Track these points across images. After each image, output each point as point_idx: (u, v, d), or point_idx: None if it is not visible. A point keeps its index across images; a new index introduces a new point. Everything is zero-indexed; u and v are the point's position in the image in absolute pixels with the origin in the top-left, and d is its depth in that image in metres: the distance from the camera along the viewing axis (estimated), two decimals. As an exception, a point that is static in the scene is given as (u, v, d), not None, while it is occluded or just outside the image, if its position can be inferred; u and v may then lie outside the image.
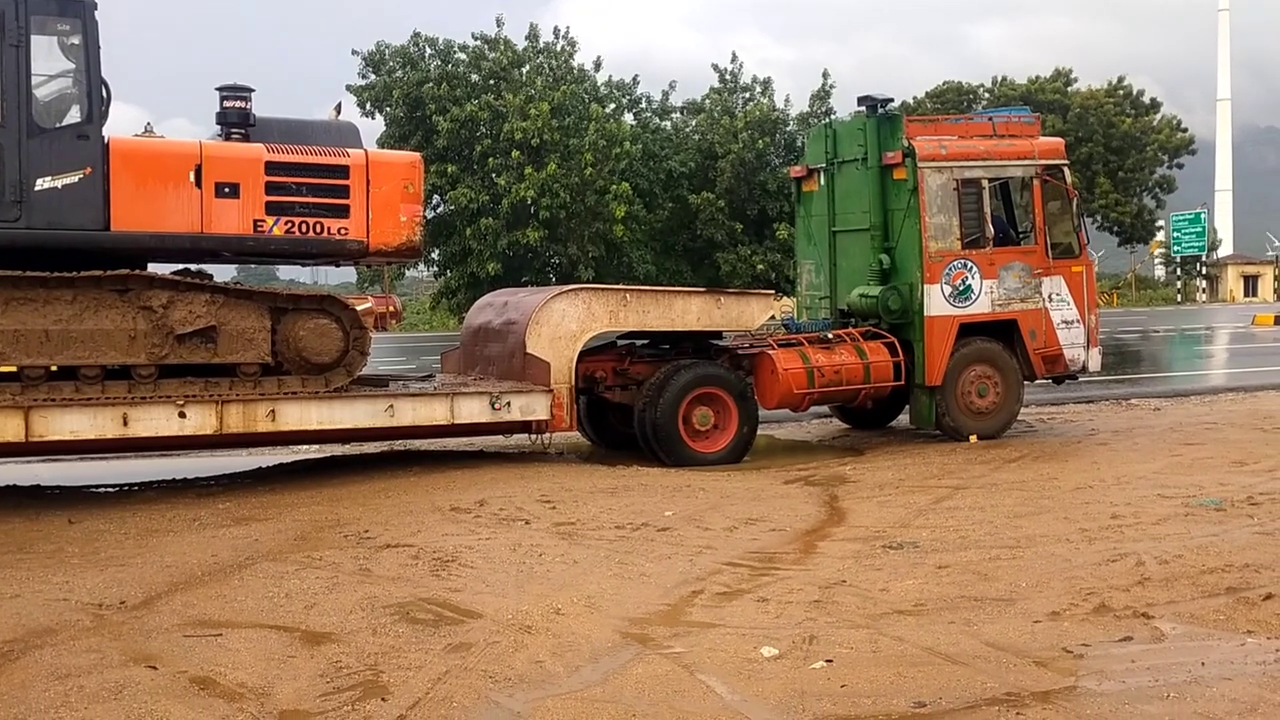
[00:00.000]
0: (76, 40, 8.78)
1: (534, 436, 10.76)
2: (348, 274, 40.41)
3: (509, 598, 5.88)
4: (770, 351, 11.05)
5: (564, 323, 10.44)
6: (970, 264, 11.38)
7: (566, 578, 6.28)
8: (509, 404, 10.06)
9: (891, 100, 12.22)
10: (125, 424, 8.70)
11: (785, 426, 13.58)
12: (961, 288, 11.36)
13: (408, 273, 43.02)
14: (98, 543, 7.43)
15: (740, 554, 6.83)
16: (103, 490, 9.77)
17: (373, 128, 31.68)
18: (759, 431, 11.24)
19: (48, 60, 8.82)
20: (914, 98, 55.37)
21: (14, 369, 8.63)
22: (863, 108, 12.15)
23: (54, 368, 8.72)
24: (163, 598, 5.95)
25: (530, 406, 10.18)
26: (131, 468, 10.76)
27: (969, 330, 11.48)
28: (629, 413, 10.92)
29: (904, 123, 11.62)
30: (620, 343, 11.35)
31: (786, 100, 36.62)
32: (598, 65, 34.32)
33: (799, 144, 36.21)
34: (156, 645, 5.14)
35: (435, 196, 29.91)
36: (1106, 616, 5.33)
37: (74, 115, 8.81)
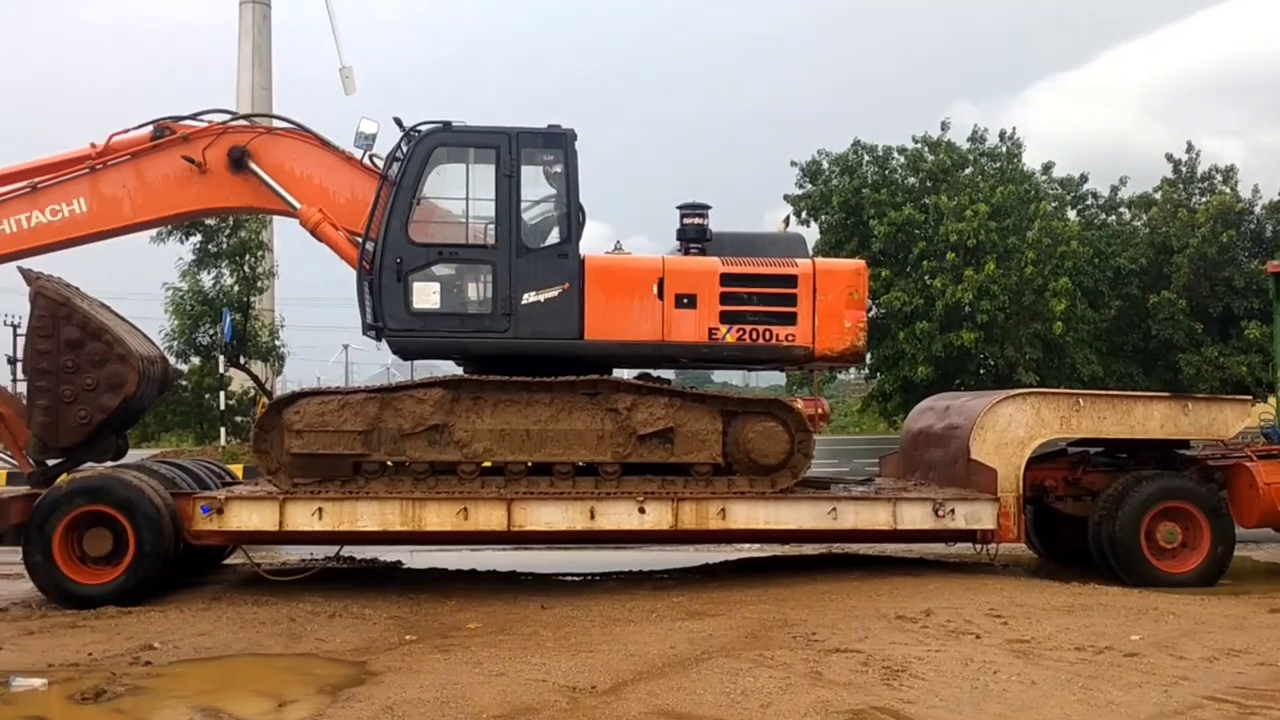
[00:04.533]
0: (559, 169, 9.77)
1: (978, 546, 10.41)
2: (775, 376, 41.30)
3: (965, 715, 5.70)
4: (1248, 464, 10.04)
5: (1011, 428, 10.08)
6: None
7: (1026, 699, 5.98)
8: (953, 511, 9.82)
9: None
10: (592, 517, 9.37)
11: (1266, 548, 12.20)
12: None
13: (839, 375, 43.38)
14: (568, 628, 8.01)
15: (1224, 688, 6.19)
16: (569, 579, 10.54)
17: (807, 235, 32.40)
18: (1235, 552, 10.17)
19: (534, 187, 9.88)
20: None
21: (490, 463, 9.57)
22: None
23: (529, 464, 9.60)
24: (629, 685, 6.30)
25: (975, 515, 9.87)
26: (591, 558, 11.55)
27: None
28: (1081, 525, 10.31)
29: None
30: (1071, 450, 10.78)
31: (1255, 190, 33.51)
32: (1046, 169, 33.27)
33: (1268, 234, 33.01)
34: (627, 730, 5.45)
35: (869, 300, 29.95)
36: None
37: (554, 236, 9.77)
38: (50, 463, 9.83)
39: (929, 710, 5.77)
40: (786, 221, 11.18)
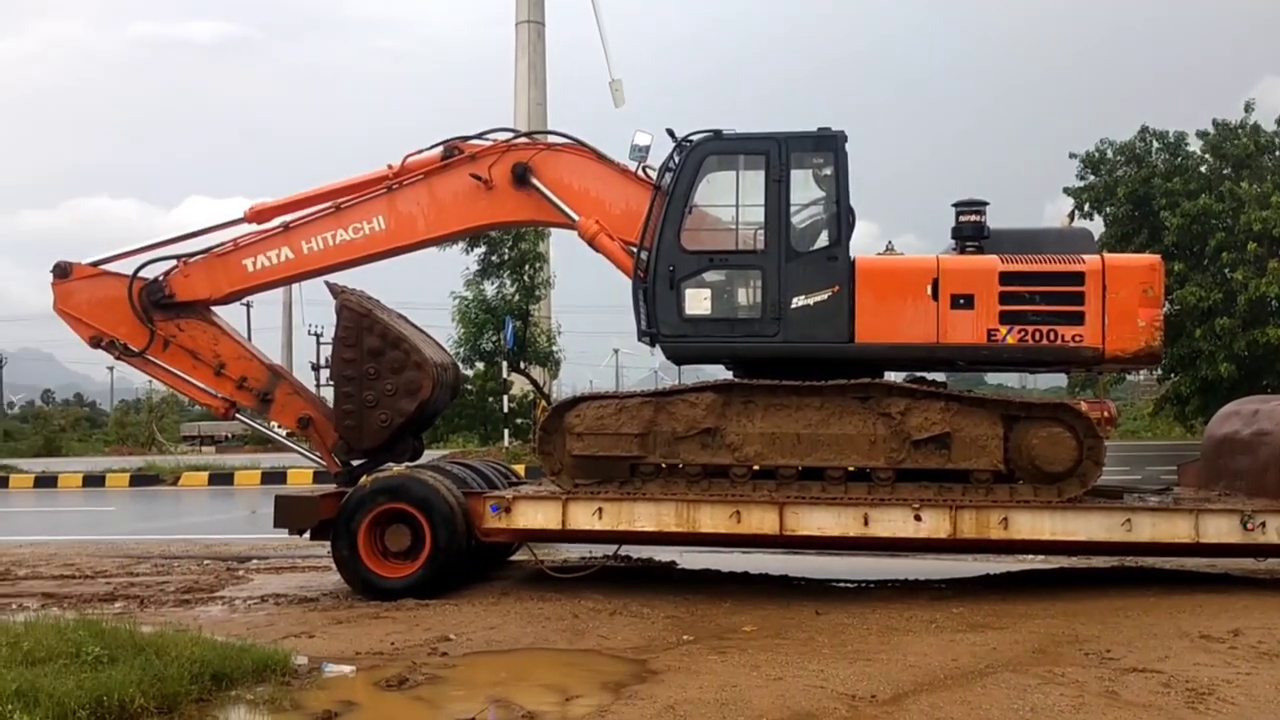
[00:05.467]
0: (828, 171, 9.70)
1: (1293, 562, 9.59)
2: (1054, 379, 39.36)
3: (1283, 745, 5.25)
4: None
5: (1330, 434, 9.23)
6: None
7: (1355, 732, 5.45)
8: (1263, 524, 9.07)
9: None
10: (865, 524, 9.22)
11: None
12: None
13: (1127, 377, 40.87)
14: (844, 635, 7.92)
15: None
16: (842, 585, 10.42)
17: (1091, 229, 30.31)
18: None
19: (804, 191, 9.84)
20: None
21: (759, 467, 9.55)
22: None
23: (800, 468, 9.54)
24: (909, 696, 6.17)
25: (1289, 528, 9.08)
26: (864, 565, 11.36)
27: None
28: None
29: None
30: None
31: None
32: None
33: None
34: (909, 743, 5.33)
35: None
36: None
37: (824, 239, 9.70)
38: (354, 463, 10.59)
39: (1241, 738, 5.36)
40: (1071, 216, 10.72)
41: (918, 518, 9.17)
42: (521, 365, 28.49)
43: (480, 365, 29.66)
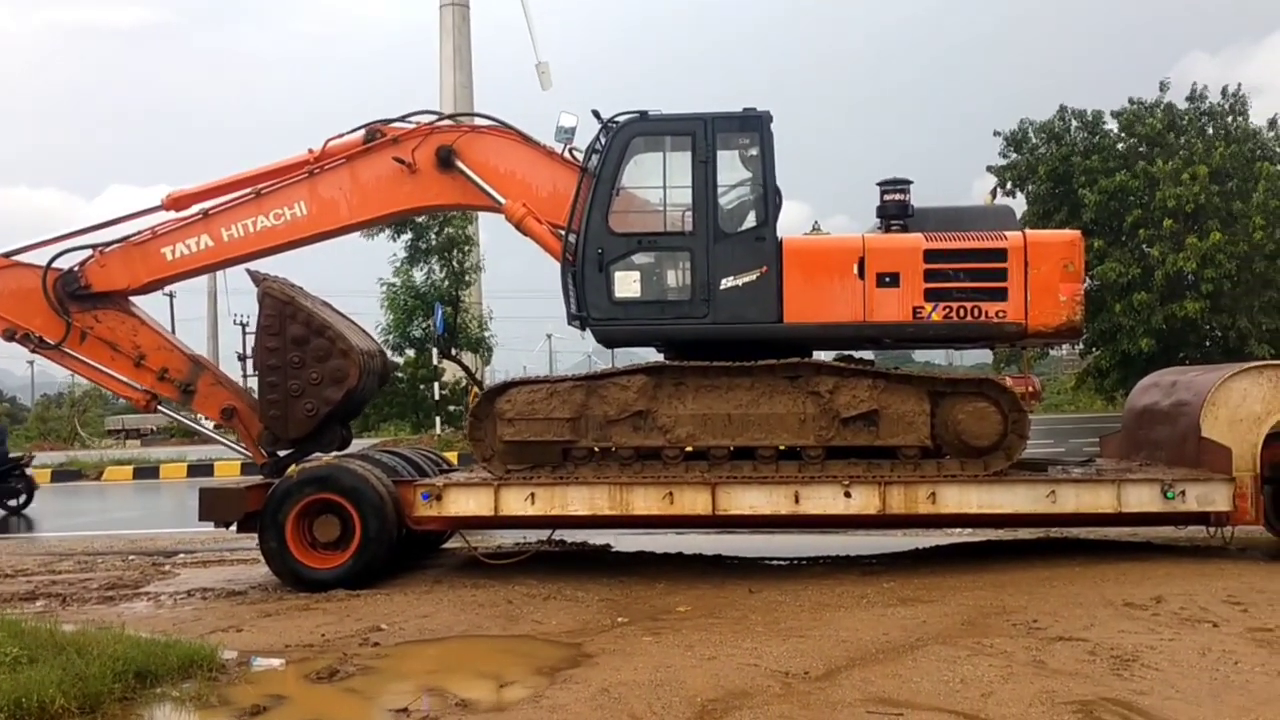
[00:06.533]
0: (754, 152, 9.70)
1: (1211, 529, 9.82)
2: (979, 355, 39.96)
3: (1204, 707, 5.38)
4: None
5: (1245, 403, 9.47)
6: None
7: (1272, 692, 5.60)
8: (1183, 493, 9.29)
9: None
10: (796, 502, 9.29)
11: None
12: None
13: (1050, 352, 41.64)
14: (777, 613, 7.97)
15: None
16: (775, 563, 10.49)
17: (1013, 206, 30.73)
18: None
19: (730, 172, 9.83)
20: None
21: (691, 448, 9.57)
22: None
23: (732, 448, 9.57)
24: (842, 671, 6.22)
25: (1208, 496, 9.31)
26: (796, 543, 11.46)
27: None
28: (1327, 507, 9.57)
29: None
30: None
31: None
32: (1273, 124, 30.78)
33: None
34: (842, 718, 5.37)
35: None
36: None
37: (751, 220, 9.70)
38: (281, 453, 10.42)
39: (1165, 702, 5.47)
40: (994, 194, 10.82)
41: (848, 494, 9.25)
42: (453, 351, 28.28)
43: (411, 352, 29.38)
